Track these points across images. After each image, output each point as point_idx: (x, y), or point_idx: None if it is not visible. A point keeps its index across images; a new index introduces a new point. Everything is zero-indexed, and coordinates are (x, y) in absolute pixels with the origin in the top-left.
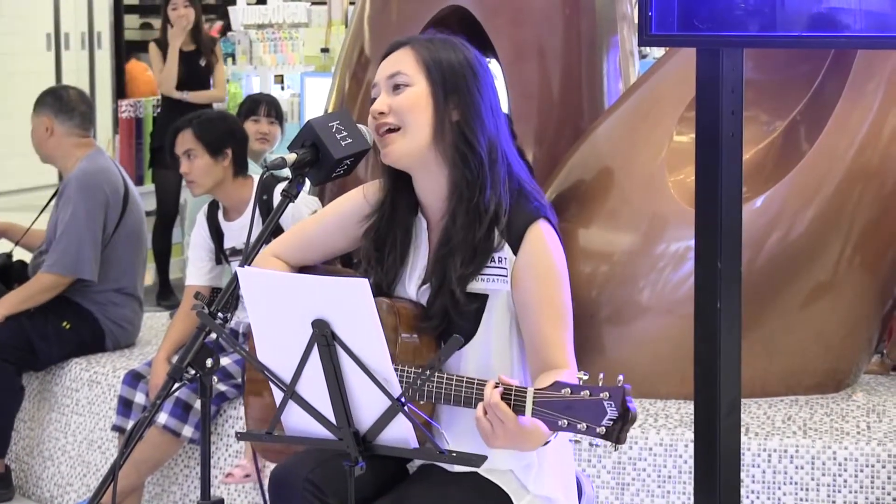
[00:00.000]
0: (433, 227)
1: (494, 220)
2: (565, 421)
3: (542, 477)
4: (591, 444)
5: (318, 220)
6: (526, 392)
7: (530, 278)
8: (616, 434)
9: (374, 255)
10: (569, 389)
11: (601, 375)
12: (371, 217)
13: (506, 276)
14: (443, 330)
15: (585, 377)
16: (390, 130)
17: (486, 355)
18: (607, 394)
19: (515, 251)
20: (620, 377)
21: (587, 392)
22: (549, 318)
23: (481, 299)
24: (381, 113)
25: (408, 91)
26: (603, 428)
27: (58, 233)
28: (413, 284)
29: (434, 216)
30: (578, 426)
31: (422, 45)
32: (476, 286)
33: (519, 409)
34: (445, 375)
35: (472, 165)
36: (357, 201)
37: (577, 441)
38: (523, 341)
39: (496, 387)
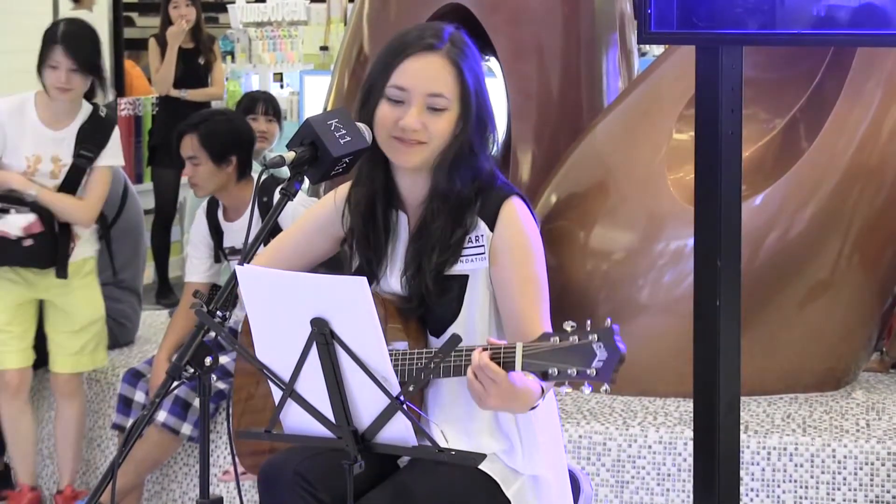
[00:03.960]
0: (412, 218)
1: (469, 208)
2: (555, 369)
3: (530, 457)
4: (581, 390)
5: (296, 229)
6: (514, 348)
7: (506, 254)
8: (608, 374)
9: (361, 233)
10: (557, 338)
11: (588, 321)
12: (352, 207)
13: (484, 254)
14: (426, 312)
15: (573, 326)
16: (418, 142)
17: (470, 333)
18: (596, 336)
19: (492, 228)
20: (608, 319)
21: (576, 337)
22: (525, 292)
23: (462, 280)
24: (415, 130)
25: (445, 115)
26: (594, 370)
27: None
28: (395, 277)
29: (413, 207)
30: (569, 371)
31: (461, 63)
32: (456, 268)
33: (509, 367)
34: (433, 351)
35: (466, 178)
36: (329, 204)
37: (568, 392)
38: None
39: (483, 350)
